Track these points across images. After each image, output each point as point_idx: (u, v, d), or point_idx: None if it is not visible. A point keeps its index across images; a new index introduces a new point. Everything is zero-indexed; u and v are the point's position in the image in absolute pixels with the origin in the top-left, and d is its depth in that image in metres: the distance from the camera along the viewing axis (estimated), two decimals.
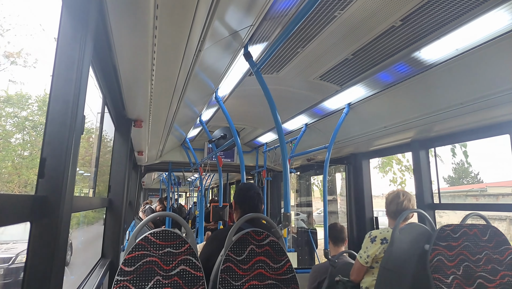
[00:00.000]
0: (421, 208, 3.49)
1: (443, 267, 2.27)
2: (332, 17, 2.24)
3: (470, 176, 17.24)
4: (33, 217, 1.08)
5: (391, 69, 2.68)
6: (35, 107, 9.07)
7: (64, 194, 1.18)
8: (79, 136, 1.30)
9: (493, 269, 2.32)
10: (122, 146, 3.27)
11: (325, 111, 3.90)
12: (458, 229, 2.38)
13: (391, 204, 2.81)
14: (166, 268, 1.84)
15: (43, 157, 1.16)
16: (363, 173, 4.77)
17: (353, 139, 4.17)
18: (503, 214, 14.89)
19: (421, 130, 3.42)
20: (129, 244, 1.84)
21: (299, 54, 2.80)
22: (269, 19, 2.00)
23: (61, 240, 1.17)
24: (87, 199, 2.56)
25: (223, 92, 3.27)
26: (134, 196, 8.86)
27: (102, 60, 2.02)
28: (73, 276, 3.80)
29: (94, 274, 2.49)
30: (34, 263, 1.10)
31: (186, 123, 4.44)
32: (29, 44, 10.75)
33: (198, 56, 2.06)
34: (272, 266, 2.00)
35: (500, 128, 2.92)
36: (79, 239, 8.40)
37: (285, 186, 2.57)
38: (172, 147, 6.44)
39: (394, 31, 2.32)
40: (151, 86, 2.39)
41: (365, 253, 2.70)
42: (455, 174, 16.91)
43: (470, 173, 17.12)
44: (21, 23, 6.93)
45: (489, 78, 2.41)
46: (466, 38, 2.12)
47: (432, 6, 2.02)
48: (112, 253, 3.01)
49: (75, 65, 1.26)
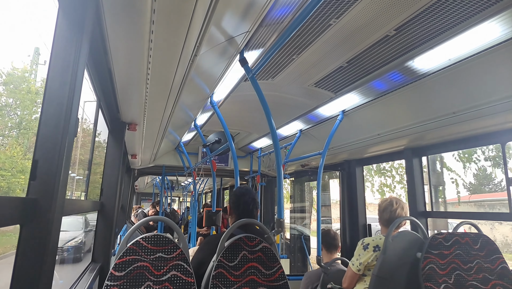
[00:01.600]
0: (414, 216, 3.50)
1: (435, 276, 2.28)
2: (327, 25, 2.26)
3: (493, 183, 16.27)
4: (23, 220, 1.07)
5: (385, 77, 2.71)
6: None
7: (56, 197, 1.17)
8: (72, 139, 1.29)
9: (484, 278, 2.33)
10: (115, 149, 3.25)
11: (319, 118, 3.92)
12: (450, 237, 2.40)
13: (384, 212, 2.81)
14: (157, 273, 1.82)
15: (35, 159, 1.15)
16: (357, 180, 4.78)
17: (347, 146, 4.19)
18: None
19: (414, 139, 3.45)
20: (120, 248, 1.82)
21: (294, 61, 2.82)
22: (265, 25, 2.01)
23: (51, 243, 1.16)
24: (79, 202, 2.54)
25: (218, 97, 3.27)
26: (127, 199, 8.80)
27: (97, 63, 2.02)
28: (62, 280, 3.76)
29: (84, 278, 2.46)
30: (23, 266, 1.09)
31: (181, 127, 4.43)
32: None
33: (194, 61, 2.06)
34: (264, 273, 1.99)
35: (492, 137, 2.95)
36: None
37: (279, 191, 2.57)
38: (166, 151, 6.42)
39: (388, 40, 2.35)
40: (146, 90, 2.38)
41: (358, 261, 2.70)
42: (476, 181, 16.05)
43: (493, 180, 16.14)
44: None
45: (481, 88, 2.44)
46: (458, 49, 2.15)
47: (426, 17, 2.05)
48: (103, 258, 2.98)
49: (70, 67, 1.26)
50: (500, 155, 3.24)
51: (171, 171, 7.27)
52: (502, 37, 1.95)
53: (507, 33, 1.91)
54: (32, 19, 9.05)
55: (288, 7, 1.85)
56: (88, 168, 3.25)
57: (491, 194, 15.72)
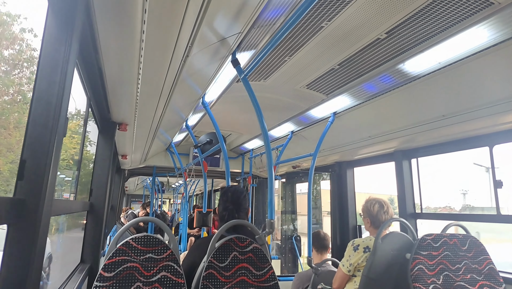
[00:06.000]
0: (403, 217, 3.54)
1: (424, 276, 2.30)
2: (319, 27, 2.27)
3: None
4: (10, 220, 1.05)
5: (376, 80, 2.73)
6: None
7: (44, 197, 1.15)
8: (61, 138, 1.28)
9: (472, 278, 2.36)
10: (105, 149, 3.22)
11: (311, 120, 3.94)
12: (439, 238, 2.42)
13: (377, 215, 2.83)
14: (147, 274, 1.81)
15: (23, 158, 1.14)
16: (347, 182, 4.82)
17: (338, 148, 4.22)
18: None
19: (404, 141, 3.49)
20: (110, 249, 1.81)
21: (286, 62, 2.83)
22: (257, 27, 2.02)
23: (39, 243, 1.15)
24: (67, 202, 2.51)
25: (210, 98, 3.26)
26: (117, 200, 8.72)
27: (88, 62, 2.00)
28: (50, 281, 3.72)
29: (73, 279, 2.43)
30: (10, 266, 1.07)
31: (172, 128, 4.41)
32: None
33: (185, 61, 2.06)
34: (254, 273, 1.99)
35: (480, 140, 3.00)
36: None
37: (270, 192, 2.58)
38: (157, 151, 6.38)
39: (380, 43, 2.37)
40: (137, 90, 2.37)
41: (348, 262, 2.72)
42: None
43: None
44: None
45: (470, 91, 2.48)
46: (448, 52, 2.19)
47: (417, 21, 2.07)
48: (92, 258, 2.95)
49: (59, 66, 1.25)
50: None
51: (162, 171, 7.23)
52: (490, 41, 1.98)
53: (496, 37, 1.94)
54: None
55: (281, 8, 1.86)
56: (77, 168, 3.22)
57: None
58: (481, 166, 10.14)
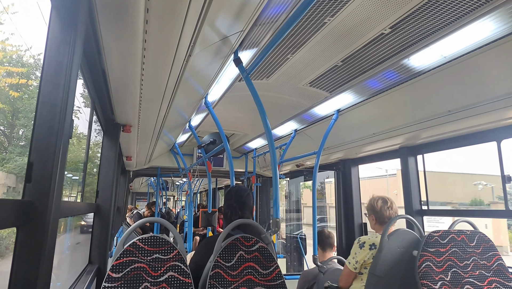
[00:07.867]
0: (410, 214, 3.52)
1: (431, 273, 2.29)
2: (322, 23, 2.26)
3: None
4: (19, 222, 1.06)
5: (380, 76, 2.72)
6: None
7: (52, 199, 1.15)
8: (67, 140, 1.28)
9: (481, 275, 2.34)
10: (110, 151, 3.23)
11: (314, 118, 3.92)
12: (446, 235, 2.41)
13: (381, 211, 2.82)
14: (154, 274, 1.81)
15: (30, 161, 1.14)
16: (352, 179, 4.80)
17: (342, 146, 4.20)
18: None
19: (409, 137, 3.46)
20: (117, 250, 1.82)
21: (289, 60, 2.82)
22: (259, 25, 2.01)
23: (48, 245, 1.15)
24: (75, 204, 2.52)
25: (213, 98, 3.26)
26: (123, 201, 8.76)
27: (91, 64, 2.00)
28: (59, 283, 3.73)
29: (81, 280, 2.44)
30: (20, 269, 1.07)
31: (175, 129, 4.42)
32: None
33: (188, 61, 2.06)
34: (261, 272, 1.99)
35: (488, 135, 2.98)
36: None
37: (274, 191, 2.58)
38: (161, 152, 6.40)
39: (383, 38, 2.35)
40: (141, 91, 2.37)
41: (354, 259, 2.71)
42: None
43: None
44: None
45: (477, 86, 2.46)
46: (453, 46, 2.17)
47: (421, 14, 2.06)
48: (100, 259, 2.96)
49: (63, 69, 1.25)
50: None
51: (166, 172, 7.25)
52: (496, 34, 1.97)
53: (501, 30, 1.92)
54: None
55: (282, 5, 1.85)
56: (83, 170, 3.23)
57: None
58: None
